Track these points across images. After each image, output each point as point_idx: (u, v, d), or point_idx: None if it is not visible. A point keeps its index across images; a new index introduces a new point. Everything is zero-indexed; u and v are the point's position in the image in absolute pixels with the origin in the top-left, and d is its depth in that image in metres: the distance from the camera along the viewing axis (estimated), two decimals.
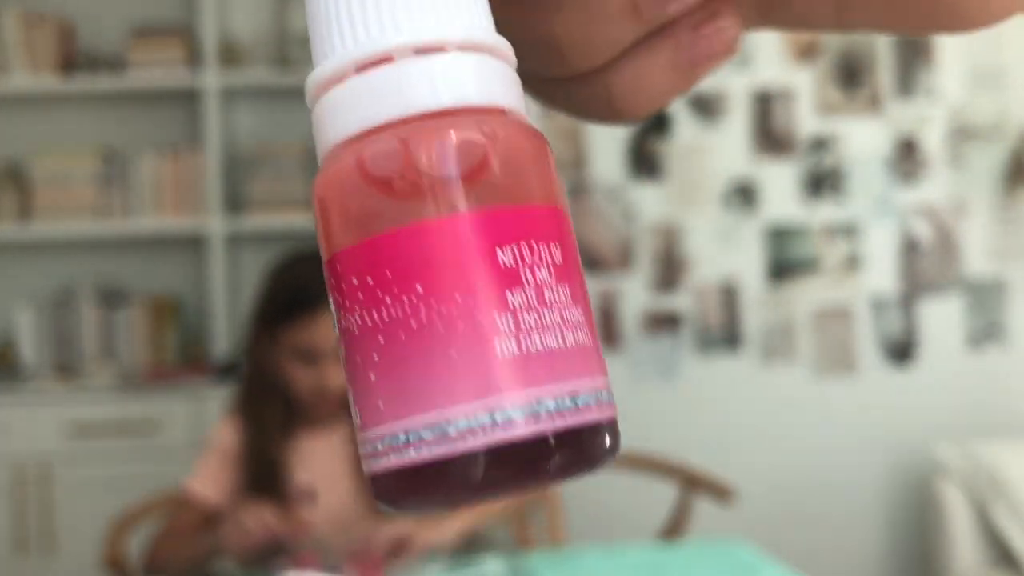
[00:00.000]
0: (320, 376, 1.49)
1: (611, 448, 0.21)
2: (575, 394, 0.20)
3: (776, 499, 2.90)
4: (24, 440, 2.75)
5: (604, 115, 0.26)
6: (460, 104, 0.21)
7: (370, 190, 0.21)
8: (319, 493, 1.55)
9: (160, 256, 3.27)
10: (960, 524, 2.41)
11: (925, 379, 2.92)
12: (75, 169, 3.05)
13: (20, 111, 3.22)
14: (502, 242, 0.20)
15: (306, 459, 1.57)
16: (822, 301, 2.90)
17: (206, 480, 1.57)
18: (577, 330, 0.21)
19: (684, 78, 0.25)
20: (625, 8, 0.24)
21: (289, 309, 1.48)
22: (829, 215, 2.90)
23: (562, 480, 0.21)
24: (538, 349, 0.20)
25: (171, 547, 1.54)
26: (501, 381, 0.20)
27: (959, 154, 2.93)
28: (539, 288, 0.20)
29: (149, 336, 3.14)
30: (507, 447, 0.20)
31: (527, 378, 0.20)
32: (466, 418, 0.20)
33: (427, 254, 0.20)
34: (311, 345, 1.47)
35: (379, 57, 0.21)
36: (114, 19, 3.24)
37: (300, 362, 1.49)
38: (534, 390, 0.20)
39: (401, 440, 0.20)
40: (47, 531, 2.73)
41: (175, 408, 2.78)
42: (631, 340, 2.84)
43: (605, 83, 0.25)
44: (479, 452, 0.20)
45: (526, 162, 0.21)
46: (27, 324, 3.06)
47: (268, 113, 3.30)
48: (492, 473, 0.20)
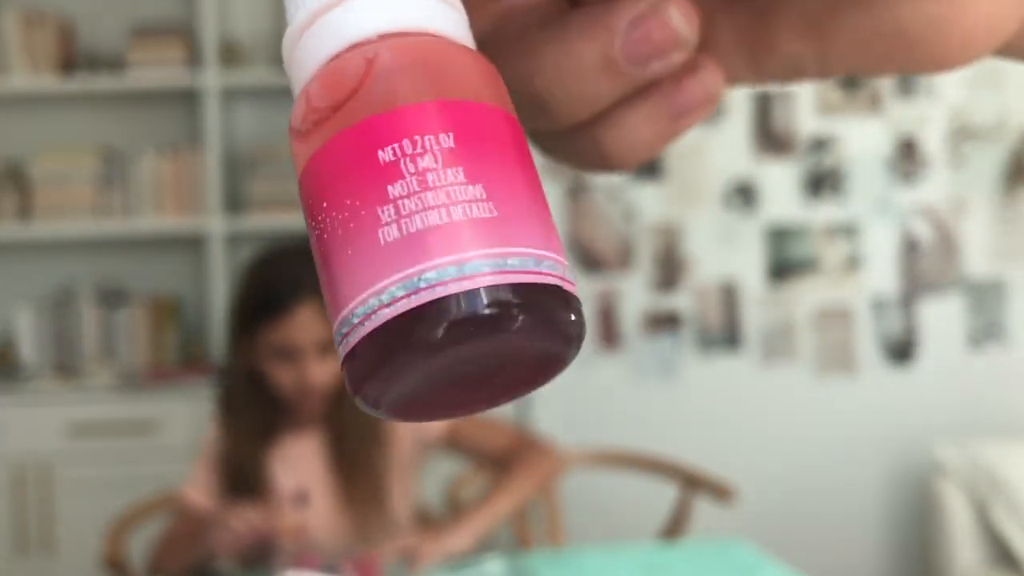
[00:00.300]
0: (301, 374, 1.47)
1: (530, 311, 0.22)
2: (462, 262, 0.21)
3: (776, 499, 2.90)
4: (24, 440, 2.74)
5: (597, 166, 0.27)
6: (367, 36, 0.24)
7: (290, 135, 0.25)
8: (311, 495, 1.53)
9: (160, 256, 3.26)
10: (960, 524, 2.41)
11: (925, 379, 2.91)
12: (75, 169, 3.05)
13: (20, 111, 3.21)
14: (382, 144, 0.22)
15: (293, 461, 1.55)
16: (822, 301, 2.89)
17: (200, 486, 1.57)
18: (471, 205, 0.22)
19: (670, 129, 0.26)
20: (603, 67, 0.24)
21: (264, 309, 1.47)
22: (829, 215, 2.89)
23: (523, 342, 0.22)
24: (418, 228, 0.22)
25: (170, 554, 1.55)
26: (385, 266, 0.22)
27: (959, 154, 2.93)
28: (421, 175, 0.22)
29: (149, 336, 3.14)
30: (396, 321, 0.22)
31: (411, 258, 0.22)
32: (362, 306, 0.22)
33: (324, 175, 0.23)
34: (289, 342, 1.46)
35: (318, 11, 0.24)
36: (114, 19, 3.23)
37: (280, 360, 1.48)
38: (417, 267, 0.22)
39: (346, 325, 0.23)
40: (47, 531, 2.73)
41: (175, 408, 2.77)
42: (631, 340, 2.84)
43: (594, 136, 0.26)
44: (394, 321, 0.22)
45: (418, 70, 0.23)
46: (27, 324, 3.06)
47: (268, 113, 3.29)
48: (425, 333, 0.22)
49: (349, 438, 1.53)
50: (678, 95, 0.25)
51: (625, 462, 2.25)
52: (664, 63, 0.25)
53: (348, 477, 1.53)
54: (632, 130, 0.26)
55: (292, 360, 1.47)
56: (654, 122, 0.26)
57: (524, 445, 1.63)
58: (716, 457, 2.85)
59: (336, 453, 1.55)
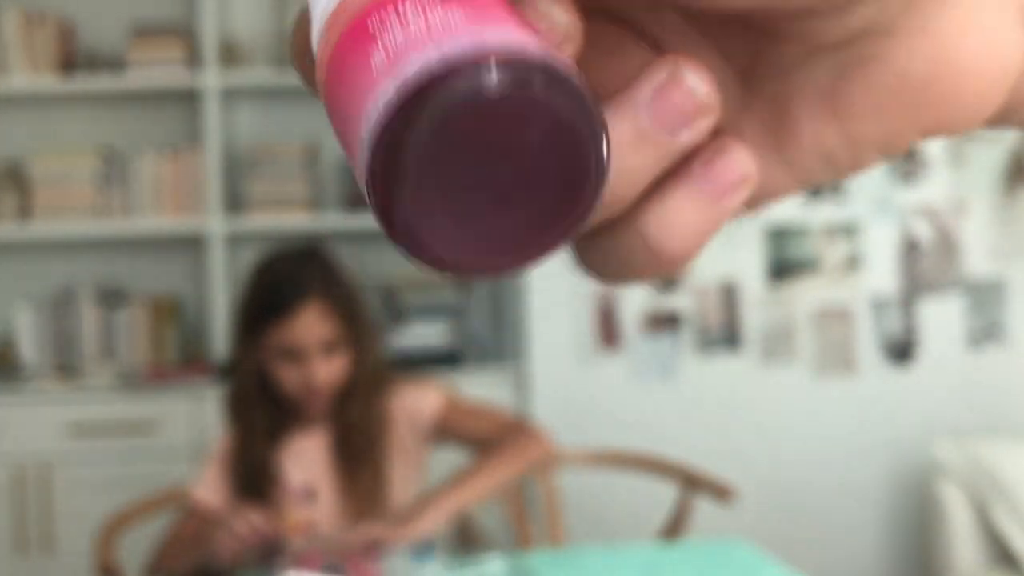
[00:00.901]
0: (306, 373, 1.50)
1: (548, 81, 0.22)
2: (442, 49, 0.22)
3: (776, 499, 2.89)
4: (24, 440, 2.73)
5: (647, 263, 0.27)
6: None
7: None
8: (318, 491, 1.55)
9: (160, 256, 3.25)
10: (960, 523, 2.40)
11: (925, 379, 2.90)
12: (75, 169, 3.04)
13: (20, 111, 3.20)
14: (369, 14, 0.23)
15: (300, 459, 1.58)
16: (822, 301, 2.88)
17: (208, 485, 1.58)
18: (450, 11, 0.22)
19: (713, 213, 0.26)
20: (636, 139, 0.25)
21: (269, 310, 1.49)
22: (829, 215, 2.88)
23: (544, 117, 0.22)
24: (401, 42, 0.22)
25: (174, 554, 1.55)
26: (378, 84, 0.22)
27: (959, 154, 2.92)
28: (402, 16, 0.23)
29: (149, 336, 3.13)
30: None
31: (398, 66, 0.22)
32: (366, 127, 0.22)
33: (335, 77, 0.24)
34: (293, 343, 1.49)
35: None
36: (114, 19, 3.22)
37: (285, 361, 1.51)
38: (404, 68, 0.22)
39: (361, 154, 0.22)
40: (47, 531, 2.72)
41: (175, 408, 2.76)
42: (631, 340, 2.83)
43: (638, 229, 0.26)
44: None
45: None
46: (27, 324, 3.05)
47: (268, 113, 3.28)
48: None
49: (352, 435, 1.55)
50: (712, 175, 0.26)
51: (625, 462, 2.24)
52: (692, 131, 0.25)
53: (352, 473, 1.55)
54: (677, 214, 0.26)
55: (297, 360, 1.50)
56: (696, 205, 0.26)
57: (514, 429, 1.60)
58: (716, 457, 2.84)
59: (340, 450, 1.57)
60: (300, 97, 3.26)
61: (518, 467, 1.53)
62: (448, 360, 2.88)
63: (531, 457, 1.56)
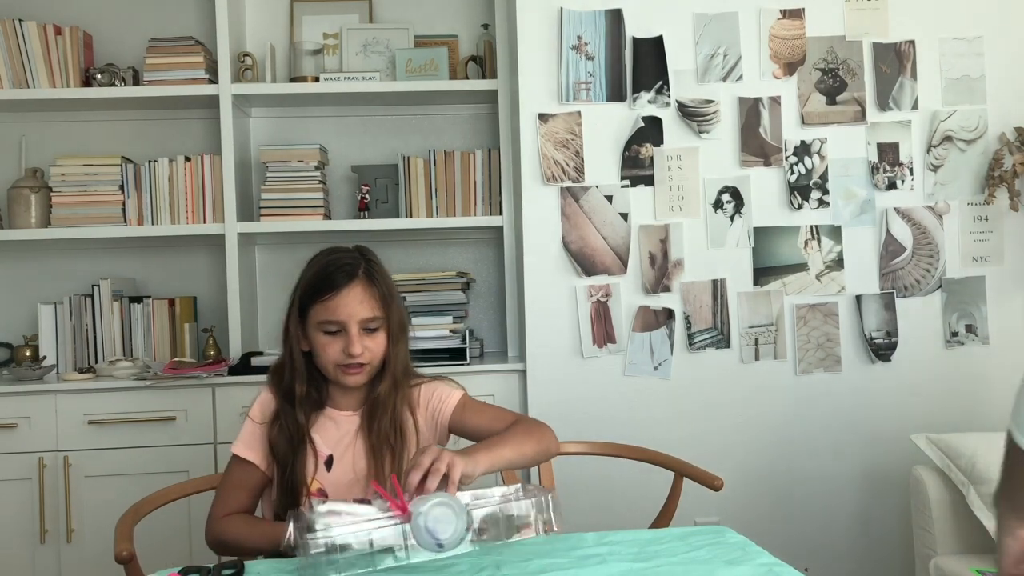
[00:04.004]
0: (344, 344, 1.63)
1: None
2: None
3: (761, 490, 2.89)
4: (46, 434, 2.74)
5: None
6: None
7: None
8: (335, 460, 1.67)
9: (179, 256, 3.27)
10: (939, 514, 2.40)
11: (905, 375, 2.91)
12: (95, 176, 3.05)
13: (44, 118, 3.22)
14: None
15: (323, 433, 1.69)
16: (806, 300, 2.89)
17: (246, 443, 1.69)
18: None
19: None
20: None
21: (319, 289, 1.64)
22: (814, 218, 2.89)
23: None
24: None
25: (238, 531, 1.62)
26: None
27: (938, 159, 2.93)
28: None
29: (168, 332, 3.14)
30: None
31: None
32: None
33: None
34: (335, 317, 1.62)
35: None
36: (133, 32, 3.24)
37: (326, 334, 1.64)
38: None
39: None
40: (68, 523, 2.72)
41: (193, 402, 2.77)
42: (626, 338, 2.84)
43: None
44: None
45: None
46: (50, 321, 3.06)
47: (280, 122, 3.30)
48: None
49: (380, 415, 1.67)
50: None
51: (618, 453, 2.26)
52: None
53: (375, 454, 1.66)
54: None
55: (337, 334, 1.63)
56: None
57: (526, 420, 1.69)
58: (705, 449, 2.85)
59: (368, 426, 1.68)
60: (311, 106, 3.27)
61: (536, 447, 1.59)
62: (451, 356, 2.90)
63: (547, 441, 1.63)
